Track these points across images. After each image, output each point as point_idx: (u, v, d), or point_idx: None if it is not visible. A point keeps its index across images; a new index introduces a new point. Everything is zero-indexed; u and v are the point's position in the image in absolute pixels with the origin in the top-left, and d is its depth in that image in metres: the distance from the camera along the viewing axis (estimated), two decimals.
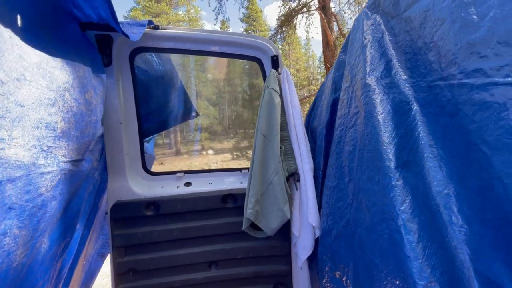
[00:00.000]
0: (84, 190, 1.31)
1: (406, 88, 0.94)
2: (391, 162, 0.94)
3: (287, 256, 1.82)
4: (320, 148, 1.60)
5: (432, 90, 0.83)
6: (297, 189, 1.66)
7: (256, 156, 1.57)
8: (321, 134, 1.60)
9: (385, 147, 0.96)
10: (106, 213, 1.68)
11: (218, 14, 14.41)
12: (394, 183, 0.91)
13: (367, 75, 1.09)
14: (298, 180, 1.63)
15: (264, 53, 1.77)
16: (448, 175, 0.77)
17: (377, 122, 1.01)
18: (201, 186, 1.80)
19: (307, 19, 13.13)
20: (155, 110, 2.37)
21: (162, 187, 1.77)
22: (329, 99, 1.53)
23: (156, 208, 1.68)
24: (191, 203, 1.71)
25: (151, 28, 1.62)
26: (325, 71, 13.40)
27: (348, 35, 1.41)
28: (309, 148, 1.63)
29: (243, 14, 27.57)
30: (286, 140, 1.66)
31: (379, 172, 0.98)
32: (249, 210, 1.52)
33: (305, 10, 12.76)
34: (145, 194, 1.69)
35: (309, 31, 14.99)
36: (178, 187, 1.79)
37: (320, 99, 1.84)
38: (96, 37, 1.47)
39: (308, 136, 1.71)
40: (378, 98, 1.03)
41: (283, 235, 1.75)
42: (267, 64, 1.78)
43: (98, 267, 1.99)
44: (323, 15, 10.89)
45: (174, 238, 1.69)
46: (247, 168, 1.85)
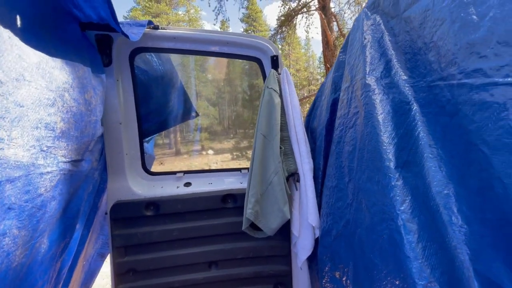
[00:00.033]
0: (83, 190, 1.31)
1: (406, 88, 0.94)
2: (391, 162, 0.94)
3: (287, 256, 1.82)
4: (320, 148, 1.60)
5: (432, 90, 0.83)
6: (297, 189, 1.66)
7: (256, 156, 1.57)
8: (321, 134, 1.60)
9: (385, 147, 0.96)
10: (106, 213, 1.68)
11: (218, 14, 14.43)
12: (394, 183, 0.91)
13: (367, 75, 1.09)
14: (298, 180, 1.63)
15: (264, 53, 1.77)
16: (448, 175, 0.77)
17: (377, 122, 1.01)
18: (201, 186, 1.80)
19: (307, 19, 13.14)
20: (155, 110, 2.37)
21: (162, 187, 1.77)
22: (329, 99, 1.53)
23: (156, 208, 1.68)
24: (191, 203, 1.71)
25: (151, 28, 1.62)
26: (325, 71, 13.41)
27: (348, 35, 1.41)
28: (309, 148, 1.63)
29: (243, 14, 27.61)
30: (286, 140, 1.66)
31: (379, 172, 0.98)
32: (249, 210, 1.52)
33: (305, 10, 12.77)
34: (145, 194, 1.69)
35: (309, 31, 15.02)
36: (178, 187, 1.79)
37: (320, 99, 1.84)
38: (96, 37, 1.47)
39: (308, 136, 1.71)
40: (378, 98, 1.03)
41: (283, 235, 1.75)
42: (267, 64, 1.78)
43: (98, 268, 1.99)
44: (323, 15, 10.90)
45: (174, 238, 1.69)
46: (247, 168, 1.85)
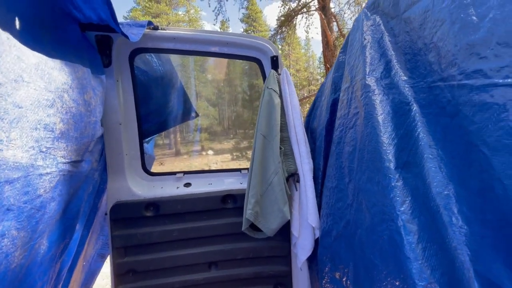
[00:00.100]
0: (83, 191, 1.31)
1: (406, 89, 0.94)
2: (391, 163, 0.94)
3: (286, 256, 1.82)
4: (320, 149, 1.60)
5: (432, 91, 0.83)
6: (296, 189, 1.66)
7: (255, 157, 1.57)
8: (320, 135, 1.60)
9: (385, 147, 0.96)
10: (105, 213, 1.68)
11: (218, 14, 14.46)
12: (394, 184, 0.91)
13: (367, 76, 1.09)
14: (297, 181, 1.63)
15: (263, 53, 1.77)
16: (448, 176, 0.77)
17: (377, 123, 1.01)
18: (200, 186, 1.80)
19: (307, 20, 13.16)
20: (155, 110, 2.37)
21: (162, 187, 1.77)
22: (328, 99, 1.53)
23: (156, 209, 1.68)
24: (191, 204, 1.71)
25: (150, 29, 1.62)
26: (325, 72, 13.41)
27: (348, 36, 1.41)
28: (308, 149, 1.63)
29: (243, 15, 27.63)
30: (285, 140, 1.65)
31: (379, 172, 0.98)
32: (248, 211, 1.52)
33: (305, 11, 12.78)
34: (144, 195, 1.69)
35: (309, 32, 15.05)
36: (177, 187, 1.78)
37: (319, 100, 1.84)
38: (96, 38, 1.47)
39: (308, 137, 1.71)
40: (377, 99, 1.03)
41: (282, 236, 1.75)
42: (267, 64, 1.78)
43: (98, 268, 1.99)
44: (323, 16, 10.90)
45: (174, 238, 1.69)
46: (247, 168, 1.85)
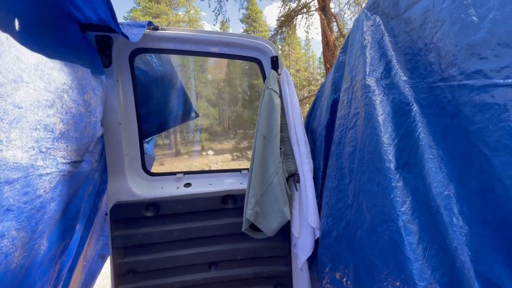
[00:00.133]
0: (83, 191, 1.31)
1: (406, 89, 0.94)
2: (391, 163, 0.93)
3: (287, 257, 1.82)
4: (320, 149, 1.60)
5: (433, 91, 0.83)
6: (297, 190, 1.66)
7: (256, 157, 1.57)
8: (321, 135, 1.59)
9: (385, 148, 0.96)
10: (106, 214, 1.68)
11: (218, 14, 14.48)
12: (394, 184, 0.91)
13: (367, 76, 1.09)
14: (298, 181, 1.63)
15: (264, 54, 1.77)
16: (448, 176, 0.77)
17: (377, 123, 1.00)
18: (201, 187, 1.80)
19: (307, 20, 13.17)
20: (155, 111, 2.37)
21: (162, 188, 1.77)
22: (329, 99, 1.53)
23: (156, 209, 1.68)
24: (191, 204, 1.71)
25: (150, 29, 1.62)
26: (325, 72, 13.42)
27: (348, 36, 1.41)
28: (309, 149, 1.63)
29: (243, 15, 27.64)
30: (286, 141, 1.65)
31: (379, 173, 0.98)
32: (248, 211, 1.52)
33: (305, 11, 12.79)
34: (145, 195, 1.69)
35: (309, 32, 15.09)
36: (178, 188, 1.78)
37: (320, 100, 1.84)
38: (96, 38, 1.47)
39: (308, 137, 1.71)
40: (378, 99, 1.03)
41: (283, 236, 1.75)
42: (267, 64, 1.78)
43: (99, 269, 1.99)
44: (323, 16, 10.91)
45: (174, 239, 1.69)
46: (247, 168, 1.85)
